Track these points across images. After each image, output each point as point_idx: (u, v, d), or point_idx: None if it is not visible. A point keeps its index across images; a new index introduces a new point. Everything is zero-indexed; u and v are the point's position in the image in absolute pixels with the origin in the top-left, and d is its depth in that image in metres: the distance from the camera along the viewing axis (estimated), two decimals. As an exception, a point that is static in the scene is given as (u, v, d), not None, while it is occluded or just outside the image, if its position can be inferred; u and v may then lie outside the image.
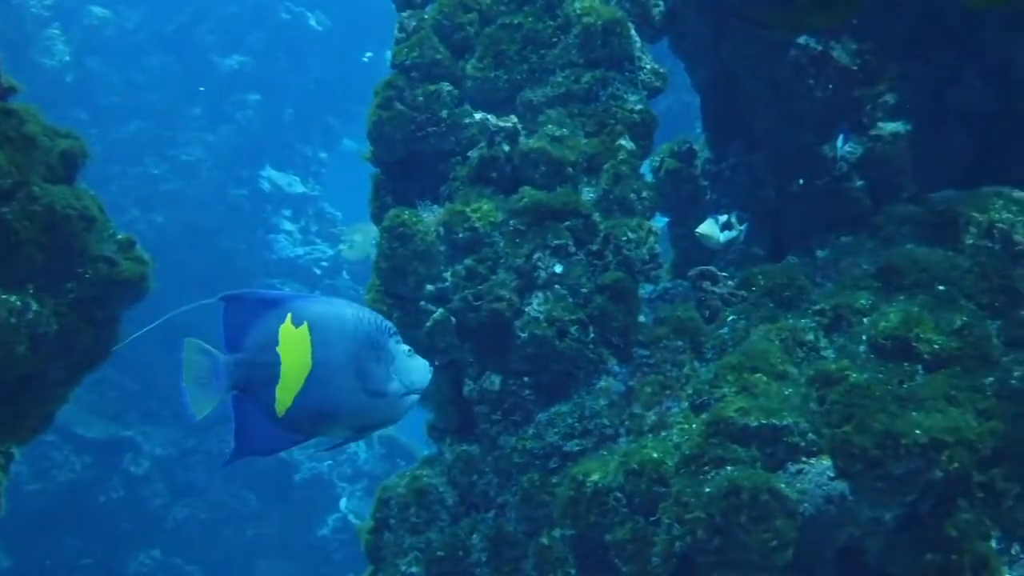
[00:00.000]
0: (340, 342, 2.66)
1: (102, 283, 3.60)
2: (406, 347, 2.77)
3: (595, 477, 3.84)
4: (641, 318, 4.43)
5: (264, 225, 14.48)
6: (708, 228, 5.09)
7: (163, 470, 12.19)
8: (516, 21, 4.76)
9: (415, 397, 2.80)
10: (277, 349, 2.61)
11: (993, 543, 3.53)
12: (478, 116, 4.65)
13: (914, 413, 3.48)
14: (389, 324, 2.76)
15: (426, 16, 4.87)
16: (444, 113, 4.68)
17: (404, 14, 4.97)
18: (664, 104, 10.61)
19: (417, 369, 2.78)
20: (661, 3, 5.08)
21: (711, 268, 4.63)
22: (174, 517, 12.22)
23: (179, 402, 2.63)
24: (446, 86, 4.72)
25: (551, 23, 4.76)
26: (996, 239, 4.28)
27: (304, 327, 2.62)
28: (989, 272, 4.11)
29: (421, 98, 4.68)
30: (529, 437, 4.21)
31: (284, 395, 2.60)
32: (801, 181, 5.02)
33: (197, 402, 2.61)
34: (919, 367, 3.75)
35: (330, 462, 12.67)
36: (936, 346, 3.76)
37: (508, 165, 4.56)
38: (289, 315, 2.62)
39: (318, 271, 14.47)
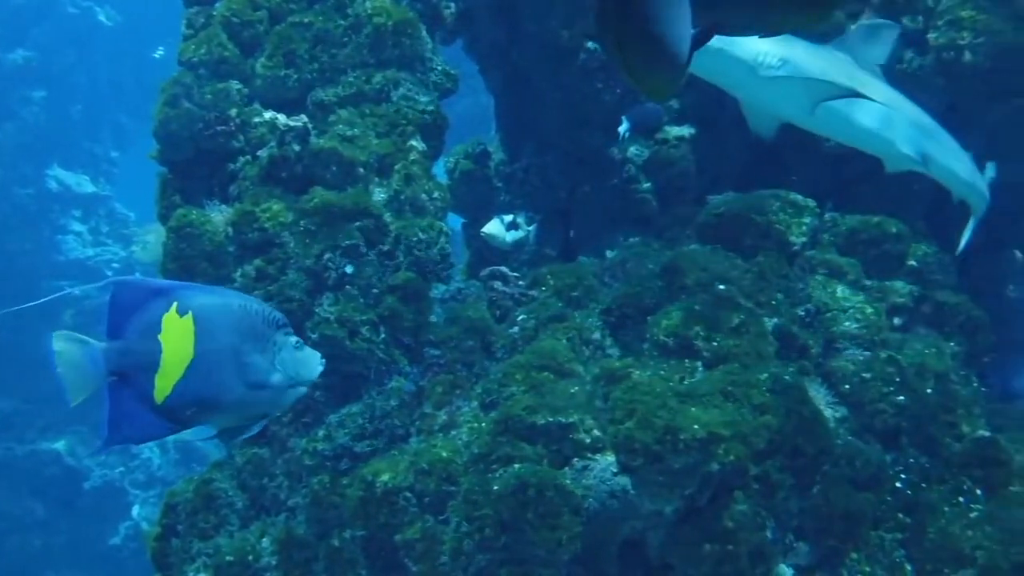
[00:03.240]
0: (224, 333, 2.69)
1: None
2: (295, 339, 2.80)
3: (385, 477, 3.84)
4: (433, 318, 4.44)
5: (52, 226, 14.00)
6: (494, 228, 5.15)
7: (-57, 478, 11.68)
8: (306, 20, 4.72)
9: (302, 389, 2.84)
10: (159, 337, 2.63)
11: (768, 533, 3.67)
12: (268, 115, 4.59)
13: (693, 409, 3.58)
14: (278, 316, 2.79)
15: (214, 13, 4.79)
16: (233, 112, 4.61)
17: (192, 10, 4.88)
18: (462, 106, 10.71)
19: (304, 361, 2.82)
20: (452, 5, 5.11)
21: (502, 268, 4.67)
22: (-46, 528, 11.72)
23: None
24: (235, 84, 4.66)
25: (342, 22, 4.74)
26: (773, 239, 4.45)
27: (188, 316, 2.65)
28: (766, 271, 4.27)
29: (209, 96, 4.60)
30: (319, 439, 4.18)
31: (164, 383, 2.63)
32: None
33: (73, 389, 2.61)
34: (699, 364, 3.87)
35: (122, 468, 12.31)
36: (715, 344, 3.88)
37: (299, 165, 4.51)
38: (175, 304, 2.65)
39: (110, 273, 14.06)
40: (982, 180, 4.65)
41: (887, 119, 4.34)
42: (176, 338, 2.64)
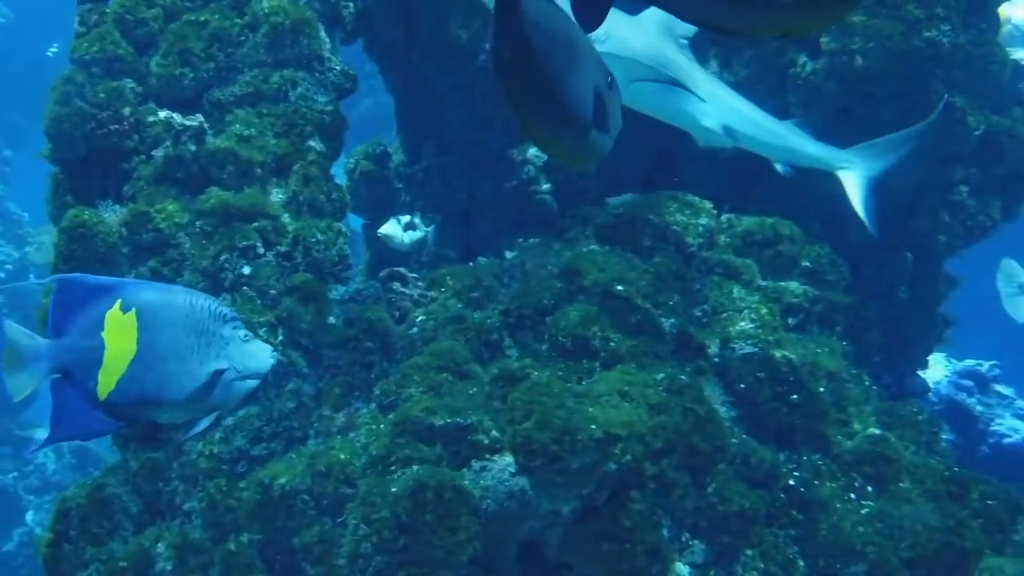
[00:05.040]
0: (168, 328, 2.72)
1: None
2: (243, 332, 2.85)
3: (283, 480, 3.81)
4: (331, 319, 4.41)
5: (-58, 226, 13.70)
6: (390, 228, 5.15)
7: None
8: (202, 18, 4.65)
9: (252, 382, 2.89)
10: (102, 334, 2.66)
11: (665, 532, 3.71)
12: (163, 114, 4.52)
13: (591, 409, 3.61)
14: (226, 310, 2.83)
15: (108, 10, 4.70)
16: (127, 111, 4.52)
17: (85, 7, 4.77)
18: (363, 106, 10.71)
19: (253, 354, 2.87)
20: (351, 4, 5.08)
21: (401, 269, 4.66)
22: None
23: None
24: (129, 83, 4.57)
25: (238, 21, 4.68)
26: (670, 241, 4.50)
27: (132, 313, 2.67)
28: (664, 272, 4.31)
29: (102, 95, 4.51)
30: (216, 441, 4.13)
31: (107, 379, 2.66)
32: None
33: (15, 385, 2.65)
34: (597, 364, 3.90)
35: (15, 474, 12.03)
36: (612, 344, 3.91)
37: (195, 165, 4.45)
38: (119, 300, 2.67)
39: (2, 274, 13.76)
40: (821, 146, 4.68)
41: (693, 96, 4.38)
42: (119, 335, 2.66)
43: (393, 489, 3.58)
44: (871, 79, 4.74)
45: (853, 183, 4.75)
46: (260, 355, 2.90)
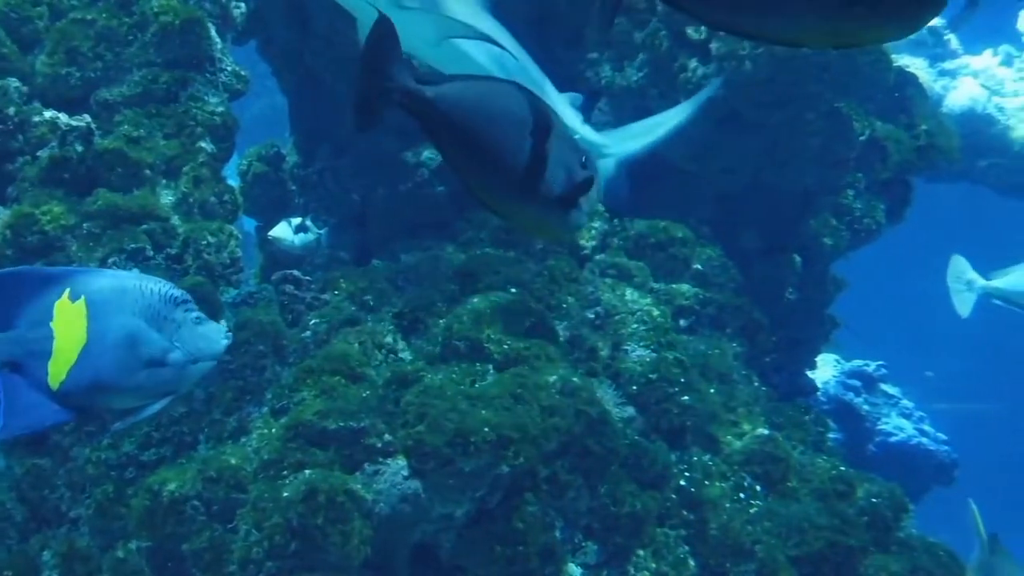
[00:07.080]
0: (118, 314, 2.69)
1: None
2: (195, 314, 2.80)
3: (172, 486, 3.75)
4: (223, 323, 4.36)
5: None
6: (281, 231, 5.11)
7: None
8: (89, 17, 4.57)
9: (207, 364, 2.84)
10: (51, 324, 2.63)
11: (558, 533, 3.73)
12: (48, 114, 4.42)
13: (483, 411, 3.61)
14: (177, 294, 2.79)
15: (-9, 7, 4.60)
16: (11, 110, 4.42)
17: (-33, 4, 4.67)
18: (257, 107, 10.61)
19: (205, 336, 2.82)
20: (243, 5, 5.03)
21: (294, 272, 4.63)
22: None
23: None
24: (13, 82, 4.47)
25: (127, 20, 4.60)
26: (564, 243, 4.52)
27: (81, 301, 2.65)
28: (557, 275, 4.34)
29: (-15, 94, 4.41)
30: (104, 447, 4.05)
31: (57, 369, 2.63)
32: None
33: None
34: (490, 367, 3.91)
35: None
36: (505, 346, 3.92)
37: (82, 166, 4.37)
38: (67, 290, 2.65)
39: None
40: (585, 128, 4.68)
41: (500, 59, 4.35)
42: (68, 324, 2.63)
43: (285, 494, 3.55)
44: (759, 84, 4.82)
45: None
46: (213, 337, 2.87)
